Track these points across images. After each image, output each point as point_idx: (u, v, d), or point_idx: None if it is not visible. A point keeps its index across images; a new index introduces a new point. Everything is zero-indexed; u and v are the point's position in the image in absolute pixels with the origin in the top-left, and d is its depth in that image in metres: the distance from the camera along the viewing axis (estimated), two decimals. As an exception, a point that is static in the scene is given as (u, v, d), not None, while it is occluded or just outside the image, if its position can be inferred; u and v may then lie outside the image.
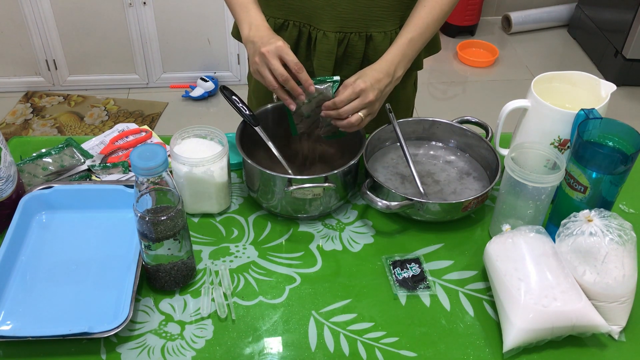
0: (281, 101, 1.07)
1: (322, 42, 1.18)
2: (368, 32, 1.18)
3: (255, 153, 1.13)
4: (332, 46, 1.18)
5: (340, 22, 1.15)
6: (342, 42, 1.18)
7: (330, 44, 1.17)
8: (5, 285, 0.93)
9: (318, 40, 1.18)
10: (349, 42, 1.18)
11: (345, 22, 1.15)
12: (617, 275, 0.86)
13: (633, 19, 2.93)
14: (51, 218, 1.05)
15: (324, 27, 1.16)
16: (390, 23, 1.18)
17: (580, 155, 0.92)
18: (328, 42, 1.17)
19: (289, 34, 1.20)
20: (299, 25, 1.19)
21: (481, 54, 3.35)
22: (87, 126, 2.77)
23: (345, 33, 1.17)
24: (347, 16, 1.15)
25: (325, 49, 1.18)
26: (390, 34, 1.19)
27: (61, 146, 1.20)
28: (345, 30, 1.17)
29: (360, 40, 1.18)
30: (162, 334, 0.89)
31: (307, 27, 1.18)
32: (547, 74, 1.10)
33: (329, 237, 1.06)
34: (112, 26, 2.77)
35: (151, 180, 0.82)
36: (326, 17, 1.15)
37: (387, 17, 1.17)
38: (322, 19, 1.16)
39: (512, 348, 0.86)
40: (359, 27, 1.17)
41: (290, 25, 1.19)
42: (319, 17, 1.16)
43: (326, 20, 1.15)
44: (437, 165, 1.19)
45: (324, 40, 1.17)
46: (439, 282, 0.98)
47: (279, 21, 1.19)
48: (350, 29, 1.17)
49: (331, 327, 0.91)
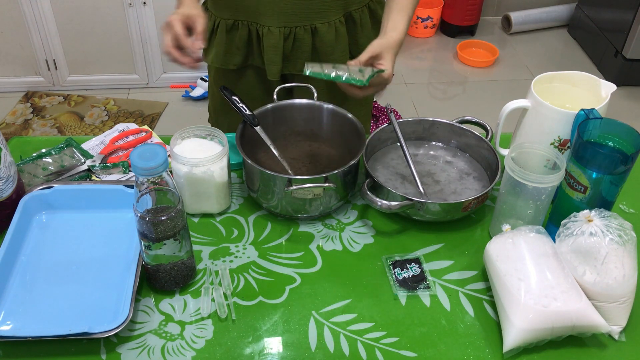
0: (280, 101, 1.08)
1: (268, 37, 1.22)
2: (312, 25, 1.22)
3: (255, 153, 1.13)
4: (277, 41, 1.22)
5: (284, 18, 1.20)
6: (289, 37, 1.22)
7: (275, 39, 1.21)
8: (5, 285, 0.93)
9: (264, 36, 1.22)
10: (295, 36, 1.23)
11: (288, 17, 1.20)
12: (617, 275, 0.86)
13: (633, 19, 2.93)
14: (51, 218, 1.05)
15: (268, 24, 1.21)
16: (333, 13, 1.22)
17: (580, 155, 0.92)
18: (273, 37, 1.21)
19: (240, 32, 1.24)
20: (247, 24, 1.23)
21: (481, 54, 3.35)
22: (87, 126, 2.77)
23: (291, 28, 1.21)
24: (290, 11, 1.19)
25: (271, 43, 1.22)
26: (335, 23, 1.23)
27: (61, 146, 1.20)
28: (290, 25, 1.21)
29: (306, 34, 1.22)
30: (162, 334, 0.89)
31: (254, 25, 1.23)
32: (547, 74, 1.10)
33: (329, 237, 1.06)
34: (112, 26, 2.77)
35: (151, 180, 0.82)
36: (270, 13, 1.19)
37: (330, 8, 1.21)
38: (267, 16, 1.20)
39: (512, 348, 0.86)
40: (302, 21, 1.21)
41: (240, 25, 1.23)
42: (264, 15, 1.20)
43: (270, 17, 1.20)
44: (437, 165, 1.19)
45: (269, 36, 1.22)
46: (439, 282, 0.98)
47: (229, 22, 1.24)
48: (294, 24, 1.21)
49: (331, 327, 0.91)
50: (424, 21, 3.43)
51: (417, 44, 3.48)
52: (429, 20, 3.43)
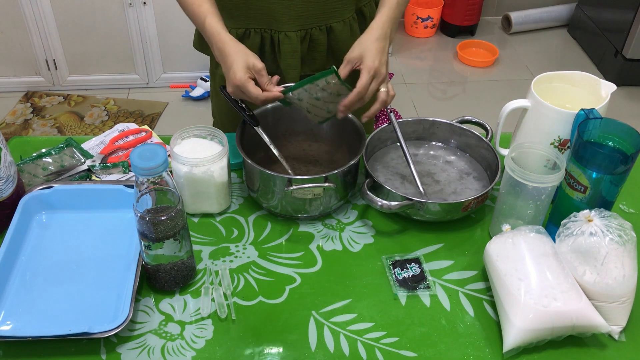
0: (281, 101, 1.08)
1: (285, 42, 1.20)
2: (328, 24, 1.20)
3: (255, 153, 1.13)
4: (295, 45, 1.20)
5: (299, 21, 1.18)
6: (305, 39, 1.21)
7: (293, 43, 1.20)
8: (5, 285, 0.93)
9: (281, 41, 1.20)
10: (311, 38, 1.21)
11: (304, 19, 1.18)
12: (617, 275, 0.86)
13: (633, 19, 2.93)
14: (51, 218, 1.05)
15: (284, 29, 1.18)
16: (347, 10, 1.21)
17: (580, 155, 0.92)
18: (291, 42, 1.20)
19: (251, 41, 1.21)
20: (260, 32, 1.20)
21: (481, 54, 3.35)
22: (87, 126, 2.77)
23: (307, 29, 1.20)
24: (305, 13, 1.17)
25: (289, 48, 1.20)
26: (349, 20, 1.22)
27: (61, 146, 1.20)
28: (305, 27, 1.19)
29: (322, 34, 1.21)
30: (162, 334, 0.89)
31: (268, 32, 1.20)
32: (547, 74, 1.10)
33: (329, 237, 1.06)
34: (112, 26, 2.77)
35: (151, 180, 0.82)
36: (285, 19, 1.17)
37: (344, 6, 1.20)
38: (282, 22, 1.17)
39: (512, 348, 0.86)
40: (318, 22, 1.19)
41: (252, 33, 1.21)
42: (278, 21, 1.18)
43: (286, 22, 1.17)
44: (437, 165, 1.19)
45: (287, 41, 1.19)
46: (439, 282, 0.98)
47: (240, 31, 1.21)
48: (310, 25, 1.19)
49: (331, 327, 0.91)
50: (424, 21, 3.43)
51: (417, 44, 3.48)
52: (429, 20, 3.43)
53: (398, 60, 3.33)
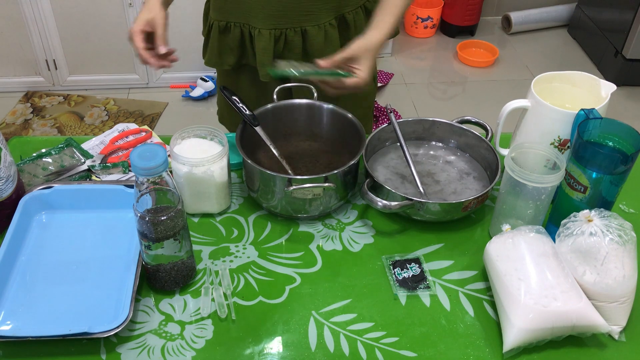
0: (280, 101, 1.08)
1: (258, 39, 1.22)
2: (302, 27, 1.21)
3: (255, 153, 1.13)
4: (267, 42, 1.21)
5: (273, 20, 1.20)
6: (279, 39, 1.22)
7: (265, 40, 1.21)
8: (5, 285, 0.93)
9: (255, 37, 1.22)
10: (286, 39, 1.22)
11: (277, 19, 1.19)
12: (617, 275, 0.86)
13: (633, 19, 2.93)
14: (51, 218, 1.05)
15: (259, 26, 1.21)
16: (323, 15, 1.21)
17: (580, 155, 0.92)
18: (263, 40, 1.21)
19: (232, 34, 1.25)
20: (240, 26, 1.23)
21: (481, 54, 3.35)
22: (87, 126, 2.77)
23: (281, 30, 1.21)
24: (278, 13, 1.19)
25: (262, 45, 1.22)
26: (324, 26, 1.22)
27: (61, 146, 1.20)
28: (280, 27, 1.21)
29: (297, 36, 1.22)
30: (162, 334, 0.89)
31: (246, 27, 1.23)
32: (547, 74, 1.10)
33: (329, 237, 1.06)
34: (112, 26, 2.77)
35: (151, 180, 0.82)
36: (260, 16, 1.19)
37: (320, 11, 1.20)
38: (257, 18, 1.20)
39: (512, 348, 0.86)
40: (292, 23, 1.21)
41: (232, 27, 1.24)
42: (254, 17, 1.20)
43: (261, 19, 1.20)
44: (437, 165, 1.19)
45: (260, 38, 1.22)
46: (439, 282, 0.98)
47: (222, 23, 1.25)
48: (284, 25, 1.21)
49: (331, 327, 0.91)
50: (424, 21, 3.43)
51: (417, 44, 3.48)
52: (429, 20, 3.43)
53: (398, 60, 3.33)
